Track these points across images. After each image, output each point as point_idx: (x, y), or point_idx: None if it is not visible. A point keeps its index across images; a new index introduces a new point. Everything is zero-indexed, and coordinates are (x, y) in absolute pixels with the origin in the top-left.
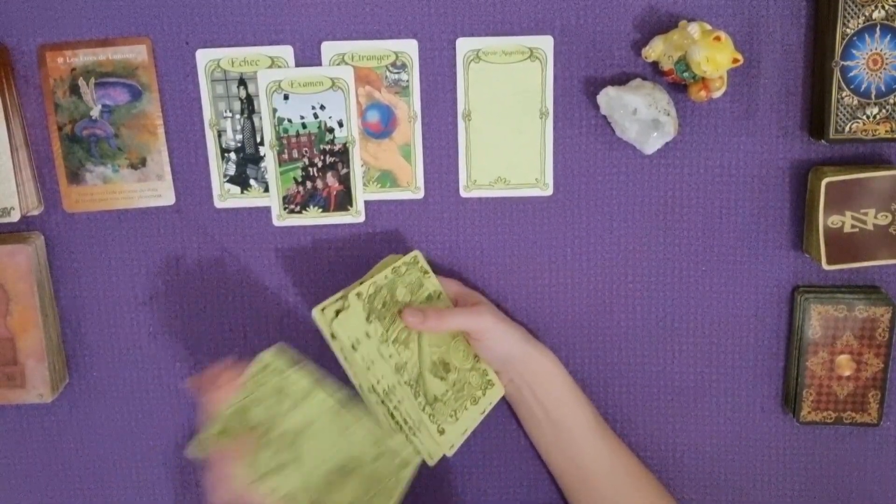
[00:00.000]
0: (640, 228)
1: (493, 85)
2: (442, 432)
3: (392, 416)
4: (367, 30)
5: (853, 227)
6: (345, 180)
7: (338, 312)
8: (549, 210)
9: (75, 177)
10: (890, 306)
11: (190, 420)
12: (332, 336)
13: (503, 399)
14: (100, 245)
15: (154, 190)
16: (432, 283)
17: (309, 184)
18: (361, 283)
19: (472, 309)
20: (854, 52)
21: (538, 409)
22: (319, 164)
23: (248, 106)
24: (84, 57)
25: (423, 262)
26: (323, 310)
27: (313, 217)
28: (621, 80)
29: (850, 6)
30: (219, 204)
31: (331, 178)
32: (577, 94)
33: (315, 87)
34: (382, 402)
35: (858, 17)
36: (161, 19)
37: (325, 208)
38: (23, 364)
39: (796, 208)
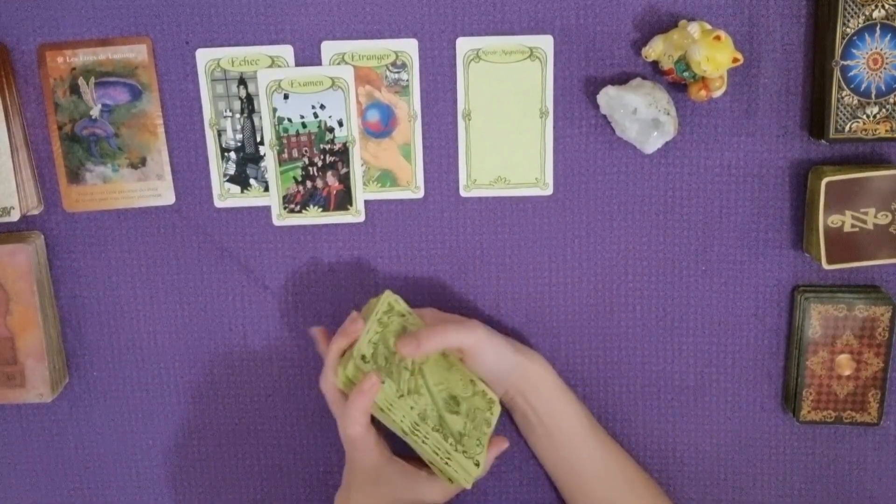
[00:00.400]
0: (640, 228)
1: (493, 84)
2: (478, 465)
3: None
4: (367, 29)
5: (853, 226)
6: (345, 180)
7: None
8: (549, 210)
9: (75, 176)
10: (890, 306)
11: (189, 420)
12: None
13: (501, 403)
14: (100, 245)
15: (154, 189)
16: (409, 317)
17: (309, 183)
18: (358, 342)
19: (464, 323)
20: (854, 51)
21: (532, 415)
22: (319, 164)
23: (248, 105)
24: (84, 57)
25: (392, 300)
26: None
27: (313, 217)
28: (621, 79)
29: (850, 6)
30: (219, 203)
31: (331, 178)
32: (577, 93)
33: (315, 86)
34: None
35: (858, 17)
36: (161, 19)
37: (325, 208)
38: (23, 364)
39: (796, 208)
